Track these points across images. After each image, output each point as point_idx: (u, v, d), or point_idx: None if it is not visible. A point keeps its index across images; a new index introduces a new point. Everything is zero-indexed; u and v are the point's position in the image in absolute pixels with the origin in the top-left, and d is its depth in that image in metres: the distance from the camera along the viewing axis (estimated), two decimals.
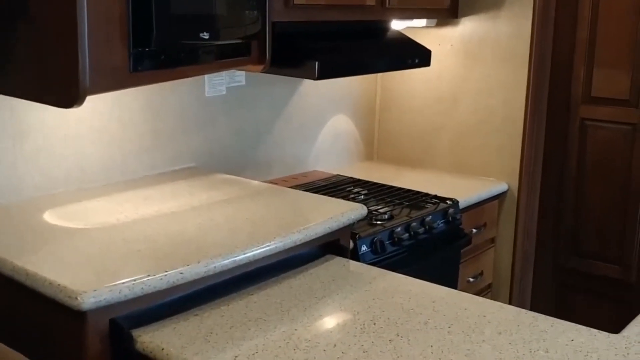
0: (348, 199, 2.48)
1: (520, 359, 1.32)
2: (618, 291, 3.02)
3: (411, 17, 2.76)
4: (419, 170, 3.07)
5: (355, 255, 2.10)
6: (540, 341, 1.39)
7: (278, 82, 2.70)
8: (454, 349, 1.36)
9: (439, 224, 2.44)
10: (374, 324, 1.48)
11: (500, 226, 2.92)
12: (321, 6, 2.26)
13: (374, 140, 3.28)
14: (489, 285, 2.98)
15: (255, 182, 2.27)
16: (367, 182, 2.76)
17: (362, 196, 2.57)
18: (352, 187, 2.68)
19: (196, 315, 1.51)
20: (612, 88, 2.90)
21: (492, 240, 2.93)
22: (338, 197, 2.41)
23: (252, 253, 1.61)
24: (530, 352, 1.35)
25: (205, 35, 1.75)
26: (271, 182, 2.69)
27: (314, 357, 1.32)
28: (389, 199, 2.53)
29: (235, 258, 1.58)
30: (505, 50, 2.81)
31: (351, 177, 2.82)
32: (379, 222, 2.29)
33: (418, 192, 2.61)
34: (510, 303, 2.96)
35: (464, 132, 2.97)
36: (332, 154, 3.06)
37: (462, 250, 2.64)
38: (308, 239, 1.78)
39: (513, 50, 2.79)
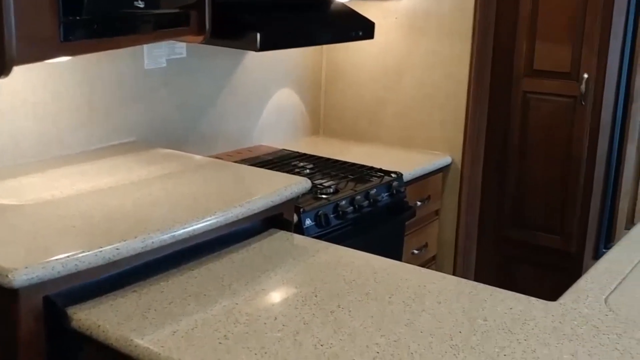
0: (293, 174, 2.46)
1: (460, 328, 1.33)
2: (559, 261, 3.09)
3: None
4: (364, 144, 3.07)
5: (299, 229, 2.08)
6: (479, 310, 1.40)
7: (220, 54, 2.65)
8: (394, 319, 1.36)
9: (383, 197, 2.44)
10: (316, 296, 1.47)
11: (444, 199, 2.95)
12: None
13: (320, 115, 3.26)
14: (434, 257, 3.01)
15: (197, 157, 2.23)
16: (313, 156, 2.75)
17: (308, 170, 2.56)
18: (297, 162, 2.66)
19: (134, 291, 1.48)
20: (554, 61, 2.94)
21: (437, 212, 2.96)
22: (283, 172, 2.39)
23: (191, 228, 1.58)
24: (469, 320, 1.36)
25: (141, 4, 1.69)
26: (215, 156, 2.65)
27: (255, 331, 1.31)
28: (334, 173, 2.52)
29: (175, 233, 1.55)
30: (449, 24, 2.81)
31: (297, 152, 2.80)
32: (324, 196, 2.28)
33: (363, 166, 2.61)
34: (454, 274, 3.01)
35: (409, 106, 2.97)
36: (277, 129, 3.03)
37: (406, 223, 2.65)
38: (250, 213, 1.75)
39: (456, 24, 2.79)
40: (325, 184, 2.36)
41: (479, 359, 1.21)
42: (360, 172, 2.54)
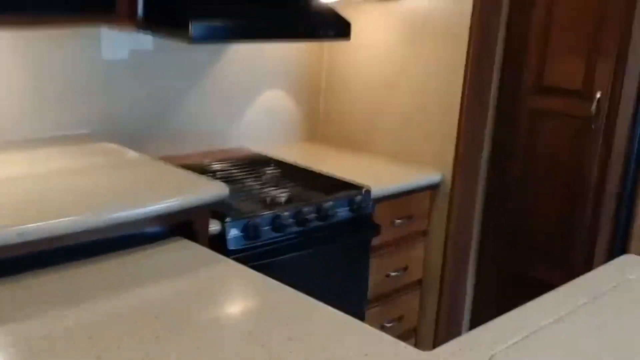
0: (255, 179, 2.33)
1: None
2: None
3: None
4: (356, 154, 2.87)
5: (222, 240, 1.92)
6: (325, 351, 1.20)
7: (197, 49, 2.53)
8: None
9: (340, 212, 2.24)
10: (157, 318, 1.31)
11: (432, 219, 2.71)
12: None
13: (318, 120, 3.08)
14: (419, 281, 2.77)
15: (133, 154, 2.09)
16: (286, 163, 2.58)
17: (270, 176, 2.41)
18: (266, 167, 2.51)
19: None
20: (565, 78, 2.64)
21: (424, 233, 2.72)
22: (250, 177, 2.29)
23: (48, 227, 1.45)
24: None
25: None
26: (184, 155, 2.54)
27: (53, 348, 1.16)
28: (298, 183, 2.35)
29: (25, 231, 1.42)
30: (446, 30, 2.57)
31: (271, 157, 2.63)
32: (275, 205, 2.12)
33: (332, 177, 2.42)
34: (439, 300, 2.76)
35: (404, 117, 2.75)
36: (265, 131, 2.88)
37: (378, 242, 2.44)
38: (137, 218, 1.61)
39: (453, 30, 2.55)
40: (278, 193, 2.19)
41: None
42: (325, 184, 2.36)
